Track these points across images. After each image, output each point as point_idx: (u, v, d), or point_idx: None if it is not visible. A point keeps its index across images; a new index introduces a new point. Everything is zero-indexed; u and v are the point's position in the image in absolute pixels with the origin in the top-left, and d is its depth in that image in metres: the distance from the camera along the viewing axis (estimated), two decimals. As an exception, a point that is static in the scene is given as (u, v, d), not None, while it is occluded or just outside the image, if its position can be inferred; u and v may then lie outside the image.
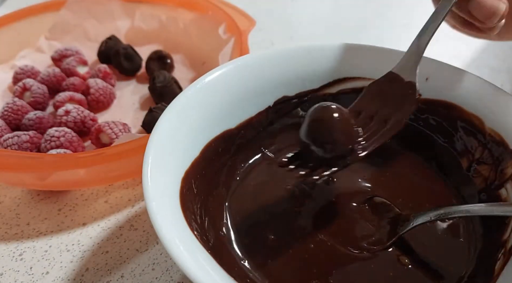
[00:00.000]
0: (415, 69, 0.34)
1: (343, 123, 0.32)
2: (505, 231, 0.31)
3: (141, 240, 0.39)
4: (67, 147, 0.44)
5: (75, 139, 0.45)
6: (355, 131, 0.33)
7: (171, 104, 0.33)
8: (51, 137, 0.44)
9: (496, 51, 0.64)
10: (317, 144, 0.31)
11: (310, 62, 0.39)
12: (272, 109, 0.39)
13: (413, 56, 0.34)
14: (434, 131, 0.38)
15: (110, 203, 0.43)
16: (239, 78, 0.37)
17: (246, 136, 0.39)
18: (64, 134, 0.44)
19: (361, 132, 0.33)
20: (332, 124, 0.31)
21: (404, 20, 0.72)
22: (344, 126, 0.32)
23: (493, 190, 0.34)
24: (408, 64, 0.34)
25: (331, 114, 0.31)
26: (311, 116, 0.32)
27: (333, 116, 0.31)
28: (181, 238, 0.26)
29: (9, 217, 0.42)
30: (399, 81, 0.34)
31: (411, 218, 0.32)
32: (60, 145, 0.44)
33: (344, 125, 0.32)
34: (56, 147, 0.44)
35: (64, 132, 0.45)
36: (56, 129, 0.45)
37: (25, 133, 0.45)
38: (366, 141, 0.33)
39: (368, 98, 0.35)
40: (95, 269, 0.37)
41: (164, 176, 0.29)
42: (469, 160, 0.36)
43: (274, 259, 0.32)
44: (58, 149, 0.43)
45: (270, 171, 0.39)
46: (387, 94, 0.34)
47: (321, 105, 0.32)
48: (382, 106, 0.34)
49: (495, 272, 0.29)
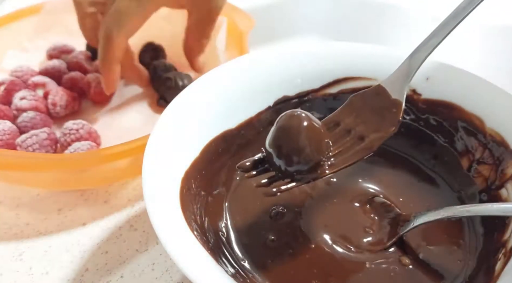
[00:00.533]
0: (404, 87, 0.32)
1: (312, 133, 0.29)
2: (506, 231, 0.31)
3: (140, 240, 0.39)
4: (87, 138, 0.45)
5: (93, 129, 0.46)
6: (325, 143, 0.30)
7: (171, 104, 0.33)
8: (69, 130, 0.45)
9: (497, 51, 0.64)
10: (281, 154, 0.29)
11: (310, 62, 0.39)
12: (272, 109, 0.39)
13: (404, 73, 0.32)
14: (435, 131, 0.38)
15: (110, 203, 0.43)
16: (239, 78, 0.37)
17: (246, 136, 0.39)
18: (82, 126, 0.45)
19: (331, 147, 0.31)
20: (299, 133, 0.29)
21: (404, 20, 0.72)
22: (313, 137, 0.29)
23: (493, 190, 0.34)
24: (397, 80, 0.33)
25: (300, 123, 0.29)
26: (278, 123, 0.29)
27: (301, 125, 0.29)
28: (181, 238, 0.26)
29: (8, 217, 0.42)
30: (386, 97, 0.32)
31: (412, 218, 0.32)
32: (80, 137, 0.44)
33: (313, 135, 0.29)
34: (76, 140, 0.44)
35: (82, 124, 0.45)
36: (73, 122, 0.46)
37: (41, 131, 0.45)
38: (335, 157, 0.30)
39: (349, 109, 0.33)
40: (94, 269, 0.37)
41: (164, 176, 0.29)
42: (469, 160, 0.36)
43: (274, 259, 0.32)
44: (83, 142, 0.44)
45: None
46: (370, 108, 0.32)
47: (291, 112, 0.29)
48: (362, 120, 0.32)
49: (496, 272, 0.29)
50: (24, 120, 0.47)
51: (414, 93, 0.38)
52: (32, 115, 0.47)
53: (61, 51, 0.57)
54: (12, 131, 0.46)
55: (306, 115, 0.29)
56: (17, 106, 0.49)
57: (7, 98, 0.51)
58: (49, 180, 0.41)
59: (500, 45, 0.65)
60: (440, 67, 0.37)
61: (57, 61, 0.55)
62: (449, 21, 0.32)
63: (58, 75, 0.54)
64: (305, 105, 0.40)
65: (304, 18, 0.75)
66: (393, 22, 0.72)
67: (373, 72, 0.39)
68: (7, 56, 0.57)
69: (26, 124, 0.47)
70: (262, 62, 0.38)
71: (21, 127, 0.47)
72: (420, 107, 0.38)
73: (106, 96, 0.53)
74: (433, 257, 0.32)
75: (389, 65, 0.35)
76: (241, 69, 0.37)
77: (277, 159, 0.29)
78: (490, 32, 0.67)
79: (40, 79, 0.52)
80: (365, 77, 0.39)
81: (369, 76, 0.39)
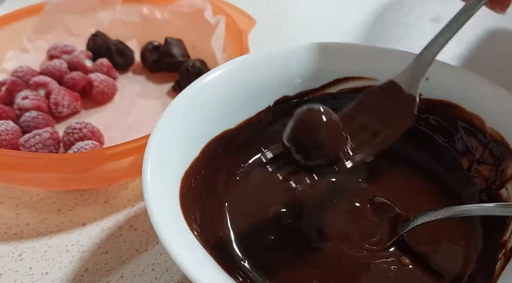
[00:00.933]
0: (418, 82, 0.32)
1: (331, 128, 0.29)
2: (506, 231, 0.31)
3: (140, 240, 0.39)
4: (90, 137, 0.45)
5: (96, 129, 0.46)
6: (344, 138, 0.30)
7: (171, 104, 0.33)
8: (72, 129, 0.45)
9: (497, 51, 0.64)
10: (300, 149, 0.29)
11: (310, 62, 0.39)
12: (272, 109, 0.39)
13: (418, 68, 0.33)
14: (435, 131, 0.38)
15: (109, 203, 0.43)
16: (239, 78, 0.37)
17: (246, 136, 0.39)
18: (86, 125, 0.45)
19: (349, 141, 0.31)
20: (319, 127, 0.29)
21: (404, 20, 0.72)
22: (332, 132, 0.29)
23: (493, 190, 0.34)
24: (411, 75, 0.33)
25: (319, 117, 0.29)
26: (296, 118, 0.29)
27: (321, 119, 0.29)
28: (181, 238, 0.26)
29: (8, 217, 0.42)
30: (399, 92, 0.33)
31: (412, 218, 0.32)
32: (84, 136, 0.44)
33: (332, 130, 0.29)
34: (79, 139, 0.44)
35: (85, 124, 0.45)
36: (76, 121, 0.46)
37: (44, 131, 0.45)
38: (353, 151, 0.30)
39: (362, 106, 0.33)
40: (94, 269, 0.37)
41: (164, 176, 0.29)
42: (469, 160, 0.36)
43: (274, 259, 0.32)
44: (86, 141, 0.44)
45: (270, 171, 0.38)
46: (384, 104, 0.33)
47: (309, 106, 0.29)
48: (376, 117, 0.32)
49: (496, 272, 0.29)
50: (26, 120, 0.47)
51: (414, 93, 0.38)
52: (35, 114, 0.47)
53: (62, 51, 0.57)
54: (15, 131, 0.46)
55: (326, 109, 0.29)
56: (19, 105, 0.49)
57: (9, 98, 0.51)
58: (52, 180, 0.41)
59: (500, 45, 0.65)
60: (440, 67, 0.37)
61: (58, 61, 0.55)
62: (458, 17, 0.32)
63: (59, 75, 0.54)
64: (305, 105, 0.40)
65: (305, 18, 0.75)
66: (393, 22, 0.72)
67: (373, 72, 0.39)
68: (8, 57, 0.57)
69: (29, 124, 0.47)
70: (262, 62, 0.38)
71: (24, 127, 0.47)
72: (420, 107, 0.38)
73: (108, 95, 0.53)
74: (433, 257, 0.32)
75: (389, 65, 0.35)
76: (241, 69, 0.37)
77: (296, 154, 0.29)
78: (490, 32, 0.67)
79: (42, 79, 0.52)
80: (365, 77, 0.39)
81: (369, 76, 0.39)
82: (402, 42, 0.66)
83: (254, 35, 0.54)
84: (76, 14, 0.60)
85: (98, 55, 0.58)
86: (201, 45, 0.56)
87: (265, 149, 0.40)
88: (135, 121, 0.51)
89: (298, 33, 0.71)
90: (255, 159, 0.39)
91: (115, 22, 0.61)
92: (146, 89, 0.56)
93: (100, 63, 0.56)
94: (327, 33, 0.70)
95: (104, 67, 0.55)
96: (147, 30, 0.59)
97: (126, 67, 0.59)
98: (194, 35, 0.58)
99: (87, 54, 0.57)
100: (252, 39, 0.52)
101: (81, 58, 0.56)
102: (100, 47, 0.58)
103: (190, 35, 0.58)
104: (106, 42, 0.58)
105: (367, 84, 0.39)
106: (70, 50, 0.57)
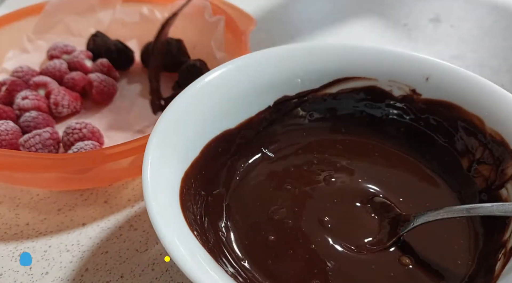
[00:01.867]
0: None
1: None
2: (506, 231, 0.31)
3: (140, 240, 0.39)
4: (90, 137, 0.45)
5: (96, 129, 0.46)
6: None
7: (171, 104, 0.33)
8: (72, 129, 0.45)
9: (497, 51, 0.64)
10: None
11: (310, 62, 0.39)
12: (272, 109, 0.39)
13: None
14: (435, 131, 0.38)
15: (109, 203, 0.43)
16: (239, 78, 0.37)
17: (246, 136, 0.39)
18: (86, 126, 0.45)
19: None
20: None
21: (404, 20, 0.72)
22: None
23: (493, 190, 0.34)
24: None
25: None
26: None
27: None
28: (181, 238, 0.26)
29: (8, 217, 0.42)
30: None
31: (412, 218, 0.32)
32: (83, 136, 0.44)
33: None
34: (79, 139, 0.44)
35: (85, 124, 0.45)
36: (76, 121, 0.46)
37: (44, 131, 0.45)
38: None
39: None
40: (94, 269, 0.37)
41: (164, 176, 0.29)
42: (469, 160, 0.36)
43: (274, 259, 0.32)
44: (86, 141, 0.44)
45: (270, 171, 0.39)
46: None
47: None
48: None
49: (496, 272, 0.29)
50: (26, 120, 0.47)
51: (414, 93, 0.38)
52: (35, 114, 0.47)
53: (62, 51, 0.57)
54: (14, 131, 0.46)
55: None
56: (19, 105, 0.49)
57: (8, 98, 0.51)
58: (52, 180, 0.41)
59: (500, 45, 0.65)
60: (440, 67, 0.37)
61: (57, 61, 0.55)
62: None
63: (59, 75, 0.54)
64: (305, 105, 0.40)
65: (304, 18, 0.75)
66: (393, 22, 0.72)
67: (373, 72, 0.39)
68: (8, 57, 0.58)
69: (29, 124, 0.47)
70: (262, 62, 0.38)
71: (24, 127, 0.47)
72: (420, 107, 0.38)
73: (107, 95, 0.53)
74: (433, 257, 0.32)
75: (389, 65, 0.35)
76: (241, 69, 0.37)
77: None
78: (490, 32, 0.67)
79: (42, 79, 0.52)
80: (365, 77, 0.39)
81: (369, 76, 0.39)
82: (402, 42, 0.66)
83: (254, 35, 0.54)
84: (76, 14, 0.61)
85: (98, 55, 0.58)
86: (201, 45, 0.56)
87: (265, 149, 0.40)
88: (135, 121, 0.51)
89: (298, 33, 0.71)
90: (255, 159, 0.39)
91: (115, 22, 0.61)
92: (146, 89, 0.56)
93: (100, 63, 0.56)
94: (327, 33, 0.70)
95: (104, 67, 0.55)
96: (147, 30, 0.59)
97: (126, 67, 0.59)
98: (194, 35, 0.58)
99: (87, 54, 0.57)
100: (252, 39, 0.52)
101: (81, 58, 0.56)
102: (100, 47, 0.58)
103: (190, 35, 0.58)
104: (106, 42, 0.58)
105: (367, 84, 0.39)
106: (70, 50, 0.58)
